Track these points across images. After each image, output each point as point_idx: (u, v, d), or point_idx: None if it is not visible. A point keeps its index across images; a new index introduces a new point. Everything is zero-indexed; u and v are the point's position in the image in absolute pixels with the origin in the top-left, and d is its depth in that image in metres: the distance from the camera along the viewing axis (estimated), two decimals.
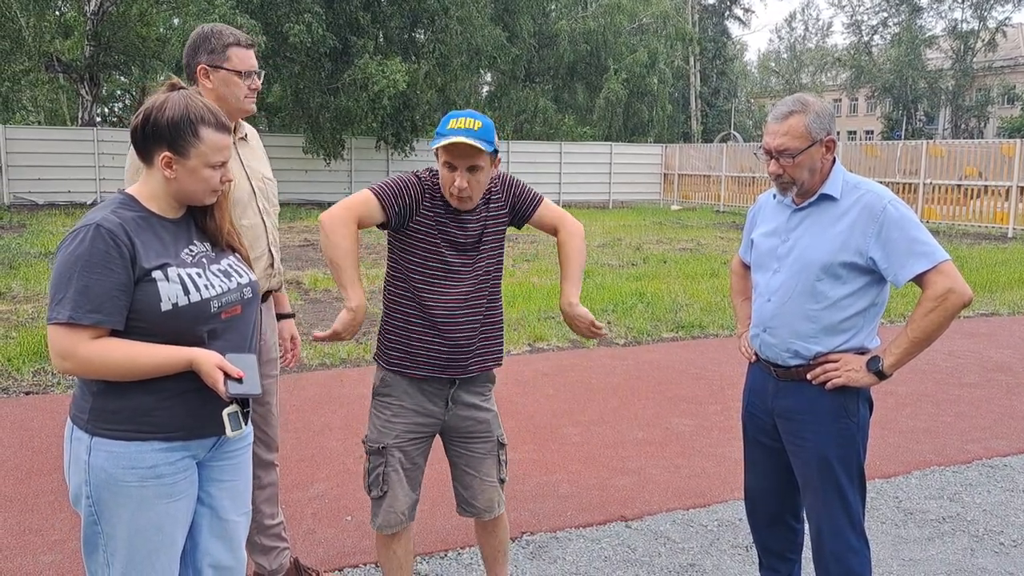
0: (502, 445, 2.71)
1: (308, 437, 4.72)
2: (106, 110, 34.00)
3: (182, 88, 1.97)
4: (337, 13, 20.68)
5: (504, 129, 30.54)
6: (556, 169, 25.79)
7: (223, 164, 1.98)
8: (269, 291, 2.87)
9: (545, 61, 29.18)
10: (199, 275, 1.96)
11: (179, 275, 1.91)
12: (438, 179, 2.52)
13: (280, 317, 3.08)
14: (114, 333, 1.87)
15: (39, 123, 33.03)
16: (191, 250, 2.01)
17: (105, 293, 1.82)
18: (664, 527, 3.67)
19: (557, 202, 25.52)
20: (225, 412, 1.98)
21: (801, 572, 2.86)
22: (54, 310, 1.83)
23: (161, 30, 24.45)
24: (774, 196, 2.64)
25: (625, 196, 26.90)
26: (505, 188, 2.64)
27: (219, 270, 2.03)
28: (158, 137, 1.91)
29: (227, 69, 2.61)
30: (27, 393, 5.47)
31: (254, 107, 2.72)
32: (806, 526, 2.72)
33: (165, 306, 1.88)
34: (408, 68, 20.04)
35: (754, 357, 2.69)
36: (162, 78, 25.16)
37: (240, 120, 2.79)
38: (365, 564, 3.29)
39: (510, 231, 16.90)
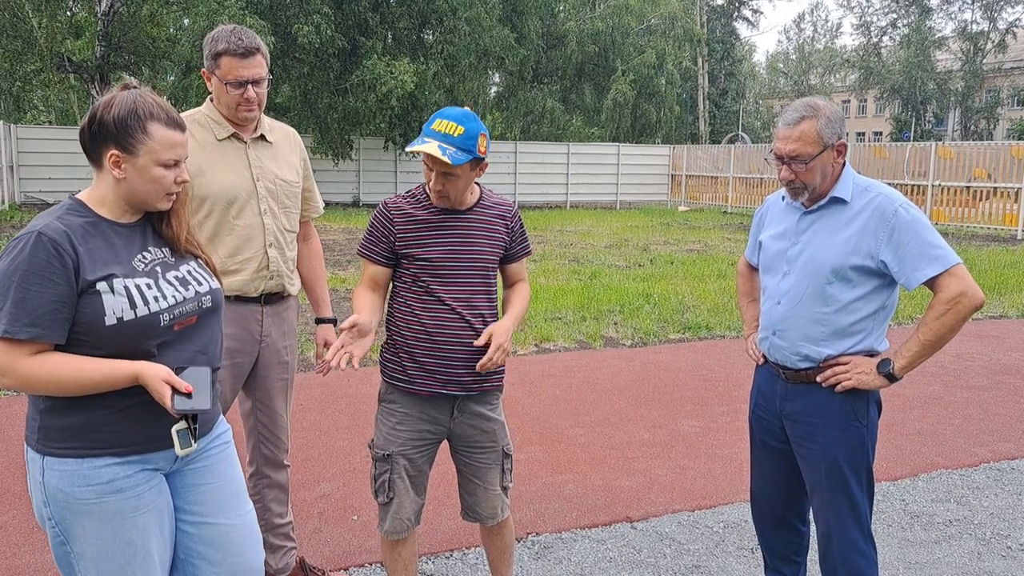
0: (507, 455, 2.70)
1: (315, 436, 4.74)
2: None
3: (134, 87, 1.90)
4: (346, 14, 20.74)
5: (512, 130, 30.58)
6: (564, 170, 25.80)
7: (177, 163, 1.89)
8: (279, 294, 2.86)
9: (553, 62, 29.21)
10: (149, 286, 1.86)
11: (125, 287, 1.81)
12: (419, 195, 2.56)
13: (319, 321, 3.10)
14: (59, 347, 1.78)
15: (50, 123, 33.20)
16: (144, 257, 1.91)
17: (44, 306, 1.73)
18: (670, 528, 3.67)
19: (564, 203, 25.62)
20: (174, 429, 1.88)
21: (807, 575, 2.85)
22: None
23: (171, 30, 24.57)
24: (783, 198, 2.64)
25: (632, 197, 26.89)
26: (513, 218, 2.66)
27: (176, 278, 1.93)
28: (105, 135, 1.83)
29: (217, 77, 2.62)
30: None
31: (250, 116, 2.68)
32: (812, 528, 2.72)
33: (110, 320, 1.79)
34: (416, 69, 20.09)
35: (762, 359, 2.69)
36: (172, 78, 25.28)
37: (264, 119, 2.80)
38: (371, 564, 3.31)
39: None
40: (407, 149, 2.48)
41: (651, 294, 9.50)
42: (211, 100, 2.73)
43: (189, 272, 1.98)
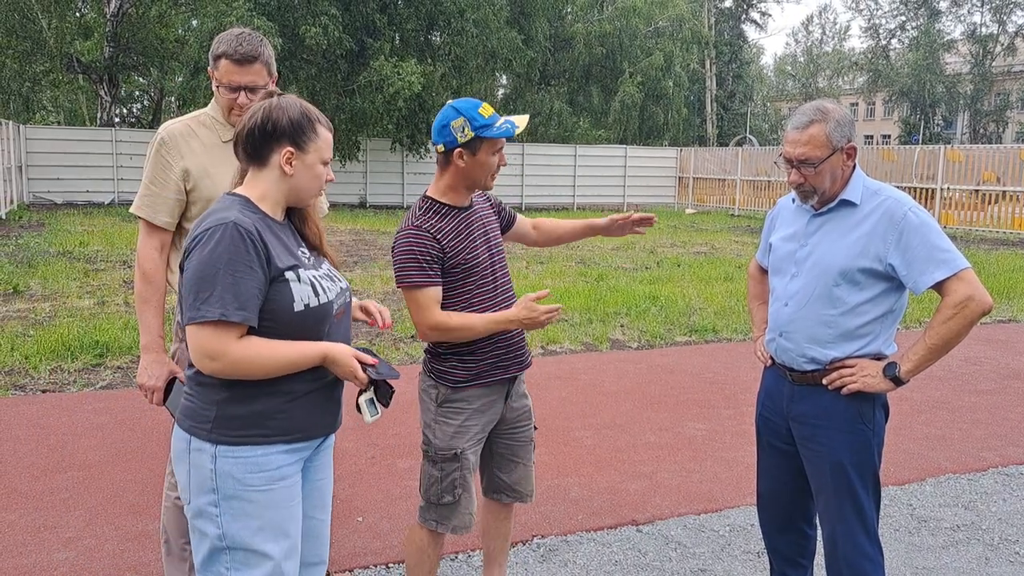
0: (535, 428, 2.82)
1: None
2: (124, 111, 34.32)
3: (281, 94, 2.03)
4: (353, 15, 20.78)
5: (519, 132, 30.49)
6: (571, 172, 25.79)
7: (328, 162, 2.04)
8: None
9: (560, 64, 29.21)
10: (321, 278, 2.00)
11: (308, 277, 1.95)
12: (434, 206, 2.54)
13: None
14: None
15: (58, 123, 33.34)
16: (303, 253, 2.04)
17: (249, 291, 1.83)
18: (675, 532, 3.66)
19: (571, 205, 25.58)
20: (362, 399, 2.00)
21: None
22: (200, 309, 1.80)
23: (179, 31, 24.67)
24: (793, 200, 2.63)
25: (639, 199, 26.85)
26: (489, 197, 2.82)
27: (324, 274, 2.05)
28: (280, 135, 1.95)
29: (215, 78, 2.64)
30: (44, 391, 5.52)
31: (235, 123, 2.65)
32: (819, 532, 2.71)
33: (298, 307, 1.91)
34: (423, 70, 20.12)
35: (770, 361, 2.68)
36: (180, 79, 25.35)
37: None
38: (376, 565, 3.30)
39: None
40: (487, 135, 2.45)
41: (658, 296, 9.48)
42: (215, 101, 2.74)
43: (329, 270, 2.11)
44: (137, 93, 35.26)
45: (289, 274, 1.91)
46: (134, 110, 36.34)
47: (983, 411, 5.54)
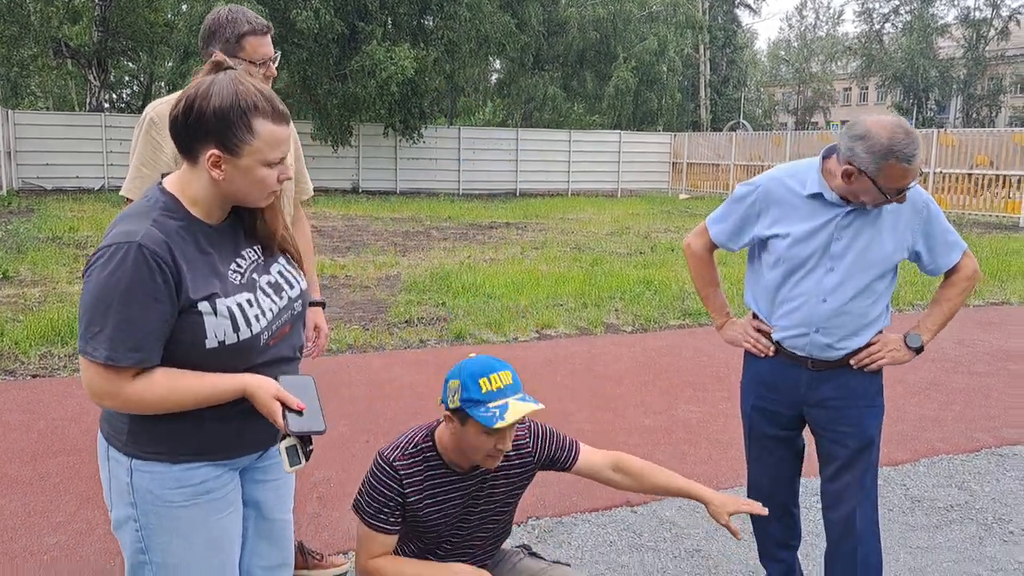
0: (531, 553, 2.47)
1: None
2: (114, 96, 34.07)
3: (229, 68, 1.65)
4: None
5: (513, 117, 30.48)
6: (565, 157, 25.75)
7: (282, 160, 1.66)
8: None
9: (554, 49, 29.08)
10: (250, 303, 1.69)
11: (228, 308, 1.64)
12: (428, 452, 2.16)
13: (309, 304, 3.04)
14: None
15: (47, 109, 33.09)
16: (239, 264, 1.73)
17: (147, 328, 1.56)
18: (669, 513, 3.65)
19: (566, 190, 25.51)
20: (283, 446, 1.70)
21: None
22: (89, 344, 1.56)
23: (169, 15, 24.46)
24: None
25: (634, 184, 26.84)
26: (535, 439, 2.28)
27: (269, 284, 1.76)
28: (205, 131, 1.58)
29: (242, 59, 2.55)
30: (33, 376, 5.48)
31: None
32: (802, 511, 2.73)
33: (211, 343, 1.63)
34: (416, 55, 19.99)
35: (772, 351, 2.56)
36: (169, 64, 25.17)
37: None
38: None
39: (521, 228, 16.84)
40: (489, 424, 1.95)
41: (652, 281, 9.47)
42: None
43: (280, 273, 1.81)
44: (127, 78, 35.02)
45: (203, 305, 1.61)
46: (124, 95, 36.09)
47: (976, 392, 5.55)
